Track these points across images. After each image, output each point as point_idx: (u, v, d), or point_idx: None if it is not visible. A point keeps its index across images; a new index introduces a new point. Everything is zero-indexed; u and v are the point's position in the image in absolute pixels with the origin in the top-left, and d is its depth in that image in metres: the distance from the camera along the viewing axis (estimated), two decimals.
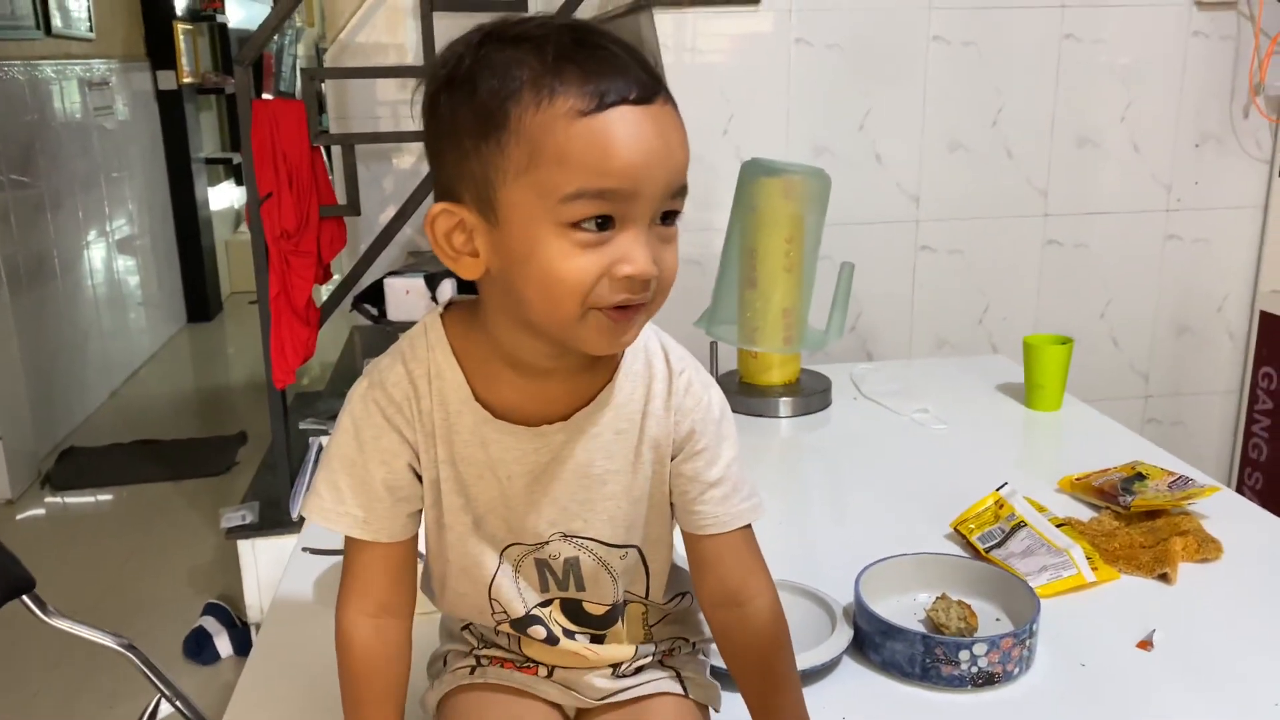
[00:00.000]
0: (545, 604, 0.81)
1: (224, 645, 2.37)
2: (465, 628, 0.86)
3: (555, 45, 0.64)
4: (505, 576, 0.79)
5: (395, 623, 0.78)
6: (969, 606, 1.03)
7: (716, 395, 0.79)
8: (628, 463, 0.76)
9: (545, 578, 0.80)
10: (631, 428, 0.76)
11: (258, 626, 2.41)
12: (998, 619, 1.04)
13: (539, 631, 0.81)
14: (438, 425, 0.74)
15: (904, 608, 1.06)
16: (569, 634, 0.81)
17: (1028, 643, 0.97)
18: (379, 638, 0.77)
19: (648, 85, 0.65)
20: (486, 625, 0.83)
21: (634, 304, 0.67)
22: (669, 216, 0.68)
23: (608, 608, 0.81)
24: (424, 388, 0.74)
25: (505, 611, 0.80)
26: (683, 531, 0.81)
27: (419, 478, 0.76)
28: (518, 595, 0.80)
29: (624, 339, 0.69)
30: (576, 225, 0.64)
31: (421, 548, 0.81)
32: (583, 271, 0.64)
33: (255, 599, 2.41)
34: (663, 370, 0.76)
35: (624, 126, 0.63)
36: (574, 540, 0.78)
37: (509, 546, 0.79)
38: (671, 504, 0.80)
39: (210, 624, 2.40)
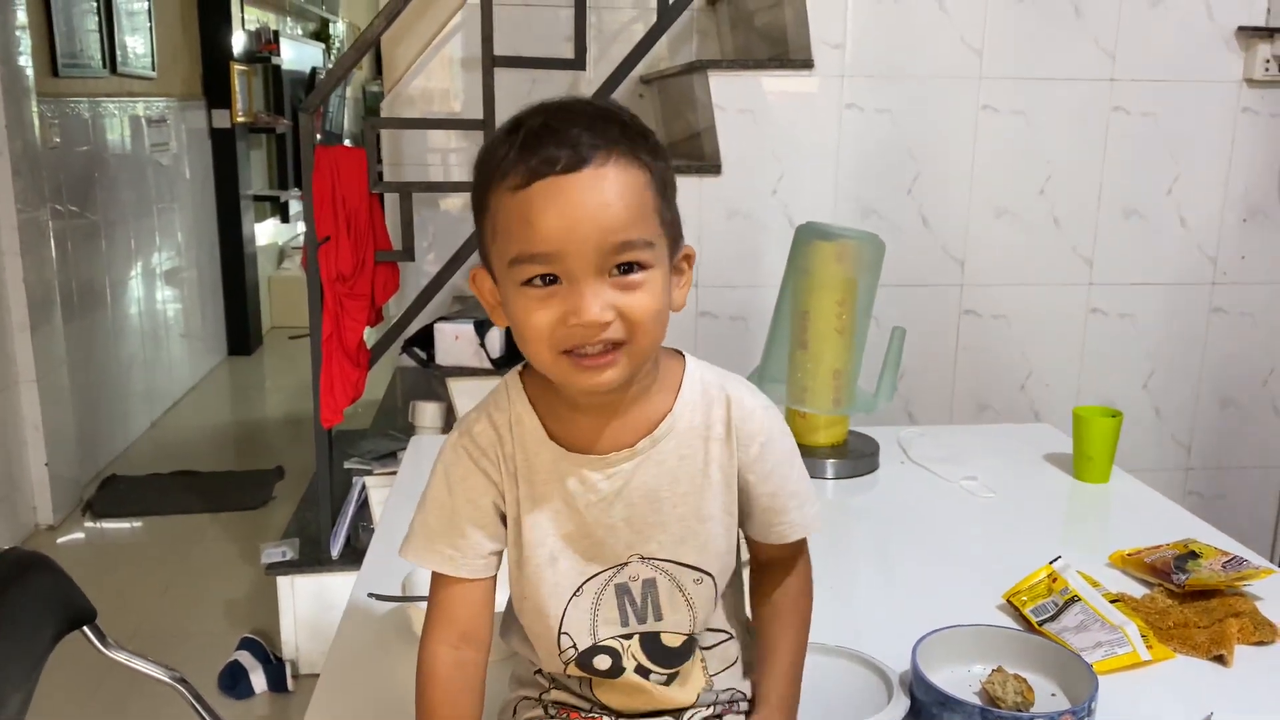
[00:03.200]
0: (626, 638, 0.84)
1: (259, 681, 2.38)
2: (538, 672, 0.89)
3: (525, 130, 0.73)
4: (580, 610, 0.83)
5: (474, 655, 0.83)
6: (1025, 680, 1.03)
7: (775, 414, 0.85)
8: (694, 486, 0.82)
9: (625, 608, 0.83)
10: (694, 453, 0.82)
11: (292, 663, 2.42)
12: (1053, 694, 1.04)
13: (603, 661, 0.84)
14: (519, 466, 0.82)
15: (958, 679, 1.06)
16: (643, 672, 0.84)
17: None
18: (458, 668, 0.83)
19: (577, 157, 0.71)
20: (556, 669, 0.86)
21: (601, 347, 0.73)
22: (628, 267, 0.73)
23: (685, 638, 0.85)
24: (506, 434, 0.82)
25: (574, 645, 0.83)
26: (756, 542, 0.88)
27: (502, 518, 0.83)
28: (589, 628, 0.83)
29: (604, 377, 0.74)
30: (528, 283, 0.73)
31: (500, 603, 0.86)
32: (541, 322, 0.73)
33: (291, 636, 2.42)
34: (720, 396, 0.83)
35: (543, 199, 0.71)
36: (650, 562, 0.83)
37: (590, 579, 0.83)
38: (741, 524, 0.86)
39: (245, 659, 2.41)
